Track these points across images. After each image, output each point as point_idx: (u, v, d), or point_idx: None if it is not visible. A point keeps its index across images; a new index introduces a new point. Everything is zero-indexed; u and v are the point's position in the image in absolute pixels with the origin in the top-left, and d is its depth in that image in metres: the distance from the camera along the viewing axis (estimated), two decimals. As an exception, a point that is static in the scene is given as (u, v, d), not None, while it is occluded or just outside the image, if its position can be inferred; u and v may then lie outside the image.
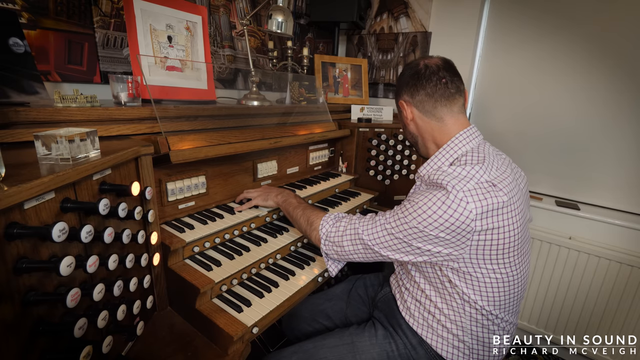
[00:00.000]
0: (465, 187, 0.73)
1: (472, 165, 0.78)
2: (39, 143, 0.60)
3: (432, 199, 0.74)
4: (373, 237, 0.84)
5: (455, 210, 0.71)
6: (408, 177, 1.79)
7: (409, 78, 0.89)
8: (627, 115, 1.51)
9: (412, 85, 0.89)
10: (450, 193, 0.72)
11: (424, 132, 0.92)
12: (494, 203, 0.73)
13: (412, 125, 0.93)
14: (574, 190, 1.72)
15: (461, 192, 0.72)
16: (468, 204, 0.71)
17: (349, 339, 0.95)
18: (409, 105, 0.91)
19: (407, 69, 0.91)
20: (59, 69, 1.05)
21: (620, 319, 1.53)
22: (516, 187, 0.81)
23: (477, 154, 0.83)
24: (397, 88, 0.94)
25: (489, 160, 0.81)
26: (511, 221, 0.75)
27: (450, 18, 1.83)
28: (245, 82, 1.68)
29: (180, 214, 1.05)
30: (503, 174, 0.80)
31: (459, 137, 0.87)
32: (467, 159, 0.82)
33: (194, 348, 0.82)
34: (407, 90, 0.90)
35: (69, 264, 0.54)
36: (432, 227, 0.73)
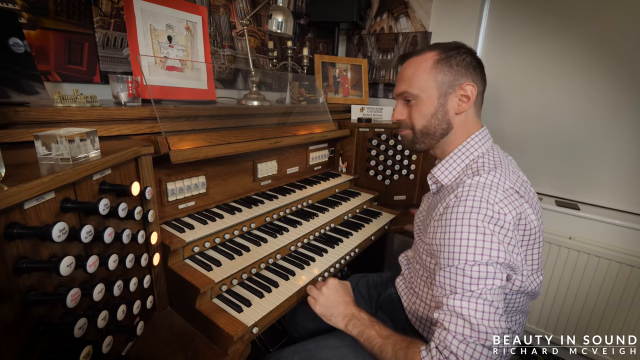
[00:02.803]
0: (497, 197, 0.70)
1: (494, 172, 0.75)
2: (39, 143, 0.60)
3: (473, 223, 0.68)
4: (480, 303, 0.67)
5: (499, 219, 0.69)
6: (408, 177, 1.79)
7: (472, 59, 0.81)
8: (627, 115, 1.51)
9: (475, 68, 0.81)
10: (487, 209, 0.69)
11: (460, 126, 0.83)
12: (521, 213, 0.73)
13: (458, 117, 0.82)
14: (574, 190, 1.72)
15: (497, 205, 0.69)
16: (506, 215, 0.69)
17: (351, 339, 0.94)
18: (473, 89, 0.80)
19: (462, 51, 0.81)
20: (59, 69, 1.05)
21: (620, 319, 1.53)
22: (530, 188, 0.81)
23: (491, 157, 0.80)
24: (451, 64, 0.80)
25: (505, 164, 0.79)
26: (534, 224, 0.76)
27: (450, 18, 1.83)
28: (245, 82, 1.68)
29: (180, 214, 1.05)
30: (519, 178, 0.79)
31: (476, 137, 0.83)
32: (484, 162, 0.78)
33: (194, 348, 0.82)
34: (472, 73, 0.80)
35: (69, 264, 0.54)
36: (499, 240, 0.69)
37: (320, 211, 1.34)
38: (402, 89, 0.84)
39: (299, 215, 1.28)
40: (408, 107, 0.85)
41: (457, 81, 0.80)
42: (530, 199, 0.76)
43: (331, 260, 1.12)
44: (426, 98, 0.81)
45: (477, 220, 0.68)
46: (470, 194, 0.71)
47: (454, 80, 0.80)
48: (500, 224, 0.69)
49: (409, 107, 0.85)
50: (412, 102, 0.84)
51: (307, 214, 1.31)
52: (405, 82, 0.84)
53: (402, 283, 1.02)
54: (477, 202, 0.69)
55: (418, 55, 0.84)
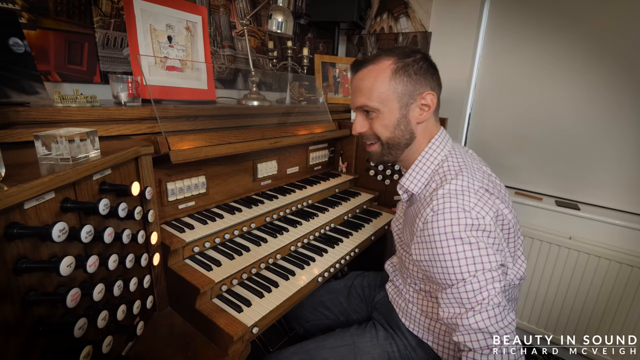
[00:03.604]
0: (471, 202, 0.70)
1: (461, 176, 0.74)
2: (39, 143, 0.60)
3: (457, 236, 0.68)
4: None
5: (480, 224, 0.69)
6: (408, 177, 1.79)
7: (428, 66, 0.81)
8: (627, 114, 1.51)
9: (432, 74, 0.81)
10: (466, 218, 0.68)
11: (422, 134, 0.83)
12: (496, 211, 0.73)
13: (420, 125, 0.82)
14: (574, 190, 1.72)
15: (474, 211, 0.69)
16: (485, 218, 0.69)
17: (350, 339, 0.95)
18: (433, 97, 0.80)
19: (418, 58, 0.80)
20: (59, 69, 1.05)
21: (620, 319, 1.53)
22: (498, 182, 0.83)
23: (455, 158, 0.80)
24: (409, 73, 0.78)
25: (468, 163, 0.80)
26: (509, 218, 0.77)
27: (450, 18, 1.83)
28: (245, 82, 1.68)
29: (180, 214, 1.05)
30: (484, 174, 0.80)
31: (436, 141, 0.83)
32: (449, 166, 0.78)
33: (194, 348, 0.82)
34: (430, 80, 0.80)
35: (69, 264, 0.54)
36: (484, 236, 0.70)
37: (320, 211, 1.34)
38: (362, 102, 0.81)
39: (299, 215, 1.28)
40: (369, 119, 0.83)
41: (417, 91, 0.79)
42: (499, 193, 0.77)
43: (331, 260, 1.12)
44: (387, 110, 0.80)
45: (460, 232, 0.67)
46: (446, 205, 0.70)
47: (414, 91, 0.79)
48: (482, 228, 0.69)
49: (369, 119, 0.83)
50: (372, 114, 0.81)
51: (307, 214, 1.30)
52: (364, 95, 0.80)
53: (392, 289, 1.02)
54: (454, 212, 0.68)
55: (373, 64, 0.80)
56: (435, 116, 0.85)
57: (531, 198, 1.74)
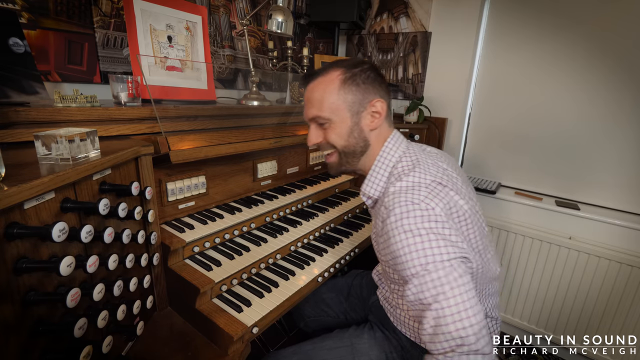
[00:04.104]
0: (420, 195, 0.70)
1: (413, 173, 0.76)
2: (39, 143, 0.60)
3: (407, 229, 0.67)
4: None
5: (430, 215, 0.68)
6: (408, 177, 1.78)
7: (376, 75, 0.83)
8: (627, 114, 1.51)
9: (380, 83, 0.83)
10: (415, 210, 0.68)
11: (375, 140, 0.84)
12: (449, 201, 0.73)
13: (373, 132, 0.84)
14: (574, 190, 1.72)
15: (423, 203, 0.69)
16: (434, 209, 0.69)
17: (348, 340, 0.95)
18: (383, 104, 0.82)
19: (365, 68, 0.82)
20: (59, 69, 1.05)
21: (620, 319, 1.53)
22: (455, 175, 0.82)
23: (409, 157, 0.81)
24: (357, 82, 0.80)
25: (423, 160, 0.80)
26: (464, 209, 0.76)
27: (450, 18, 1.83)
28: (245, 82, 1.68)
29: (180, 214, 1.05)
30: (440, 168, 0.80)
31: (389, 144, 0.85)
32: (402, 166, 0.80)
33: (194, 348, 0.82)
34: (379, 89, 0.82)
35: (69, 264, 0.54)
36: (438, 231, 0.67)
37: (320, 211, 1.34)
38: (313, 113, 0.83)
39: (299, 215, 1.28)
40: (322, 130, 0.85)
41: (366, 99, 0.81)
42: (454, 185, 0.77)
43: (331, 260, 1.12)
44: (339, 120, 0.81)
45: (410, 225, 0.67)
46: (396, 200, 0.71)
47: (364, 99, 0.81)
48: (433, 219, 0.68)
49: (323, 129, 0.84)
50: (325, 125, 0.83)
51: (307, 214, 1.31)
52: (315, 106, 0.82)
53: (381, 295, 1.03)
54: (403, 206, 0.69)
55: (323, 76, 0.82)
56: (387, 121, 0.87)
57: (531, 198, 1.74)
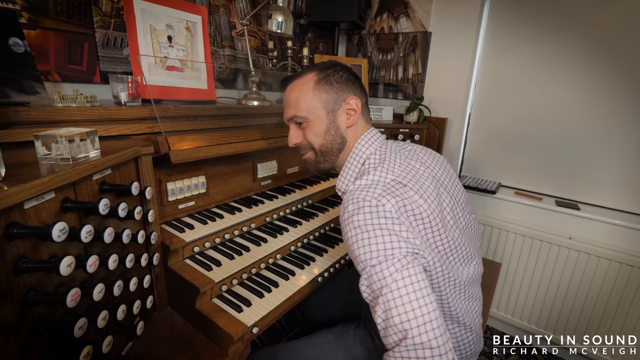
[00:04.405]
0: (375, 193, 0.71)
1: (374, 172, 0.77)
2: (39, 143, 0.60)
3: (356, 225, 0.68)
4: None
5: (378, 212, 0.68)
6: (408, 177, 1.78)
7: (349, 75, 0.86)
8: (627, 114, 1.51)
9: (354, 82, 0.86)
10: (364, 207, 0.69)
11: (352, 138, 0.87)
12: (404, 199, 0.72)
13: (350, 129, 0.87)
14: (574, 190, 1.72)
15: (374, 200, 0.69)
16: (385, 205, 0.69)
17: (333, 337, 0.97)
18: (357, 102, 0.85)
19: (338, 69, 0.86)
20: (59, 69, 1.05)
21: (620, 319, 1.53)
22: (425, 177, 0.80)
23: (379, 154, 0.83)
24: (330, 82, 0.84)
25: (391, 158, 0.81)
26: (423, 208, 0.74)
27: (450, 18, 1.83)
28: (245, 82, 1.68)
29: (180, 214, 1.05)
30: (408, 167, 0.80)
31: (362, 140, 0.86)
32: (370, 163, 0.82)
33: (194, 348, 0.82)
34: (352, 87, 0.86)
35: (69, 264, 0.54)
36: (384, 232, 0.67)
37: (320, 211, 1.34)
38: (291, 113, 0.87)
39: (299, 215, 1.28)
40: (301, 130, 0.89)
41: (340, 97, 0.84)
42: (416, 185, 0.76)
43: (331, 260, 1.12)
44: (315, 118, 0.85)
45: (359, 221, 0.68)
46: (350, 198, 0.73)
47: (338, 97, 0.84)
48: (382, 215, 0.68)
49: (302, 129, 0.88)
50: (303, 124, 0.87)
51: (307, 213, 1.30)
52: (293, 107, 0.87)
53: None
54: (355, 204, 0.71)
55: (298, 79, 0.87)
56: (364, 119, 0.89)
57: (531, 198, 1.74)
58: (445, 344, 0.59)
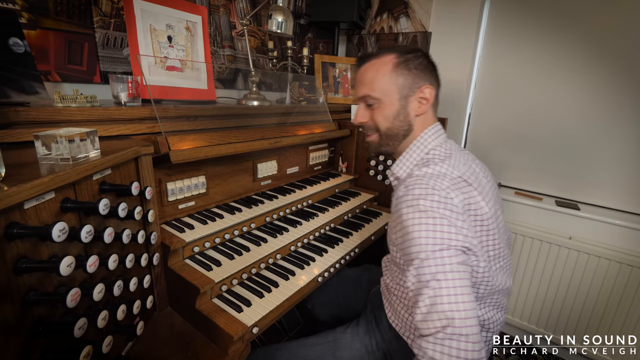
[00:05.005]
0: (443, 184, 0.72)
1: (442, 164, 0.78)
2: (39, 143, 0.60)
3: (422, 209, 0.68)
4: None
5: (447, 203, 0.70)
6: (408, 177, 1.79)
7: (428, 62, 0.85)
8: (627, 114, 1.51)
9: (432, 71, 0.85)
10: (434, 194, 0.70)
11: (419, 127, 0.86)
12: (469, 198, 0.74)
13: (418, 118, 0.85)
14: (574, 190, 1.72)
15: (443, 191, 0.71)
16: (453, 199, 0.71)
17: (332, 336, 0.98)
18: (432, 91, 0.83)
19: (418, 55, 0.84)
20: (59, 69, 1.05)
21: (620, 319, 1.53)
22: (485, 181, 0.83)
23: (443, 149, 0.83)
24: (410, 67, 0.82)
25: (456, 156, 0.82)
26: (484, 210, 0.76)
27: (450, 18, 1.83)
28: (245, 82, 1.68)
29: (180, 214, 1.05)
30: (470, 169, 0.81)
31: (429, 132, 0.86)
32: (434, 155, 0.82)
33: (194, 348, 0.82)
34: (429, 76, 0.84)
35: (69, 264, 0.54)
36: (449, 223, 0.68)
37: (320, 211, 1.34)
38: (364, 92, 0.86)
39: (299, 215, 1.28)
40: (370, 110, 0.87)
41: (416, 84, 0.83)
42: (479, 187, 0.77)
43: (331, 260, 1.12)
44: (388, 101, 0.83)
45: (426, 205, 0.68)
46: (417, 182, 0.73)
47: (413, 84, 0.83)
48: (449, 207, 0.69)
49: (371, 110, 0.87)
50: (374, 105, 0.85)
51: (307, 214, 1.31)
52: (366, 86, 0.85)
53: (383, 284, 1.03)
54: (423, 189, 0.71)
55: (377, 58, 0.85)
56: (433, 111, 0.88)
57: (531, 198, 1.74)
58: (480, 342, 0.61)
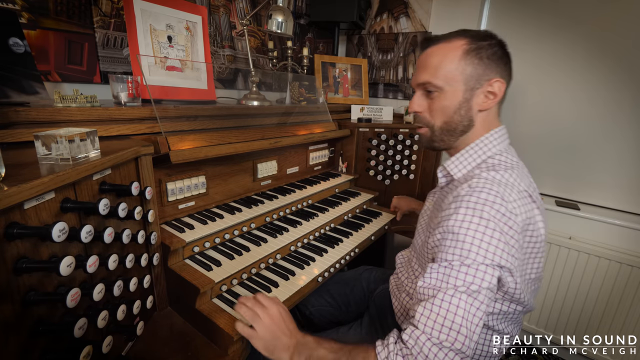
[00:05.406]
0: (512, 196, 0.67)
1: (510, 172, 0.71)
2: (39, 143, 0.60)
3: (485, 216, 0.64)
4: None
5: (510, 219, 0.65)
6: (408, 177, 1.79)
7: (503, 53, 0.75)
8: (627, 115, 1.51)
9: (506, 63, 0.75)
10: (501, 205, 0.64)
11: (480, 124, 0.78)
12: (531, 217, 0.70)
13: (481, 114, 0.77)
14: (574, 190, 1.72)
15: (510, 204, 0.65)
16: (517, 217, 0.66)
17: (334, 336, 0.97)
18: (502, 86, 0.74)
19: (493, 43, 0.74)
20: (59, 69, 1.05)
21: (620, 319, 1.53)
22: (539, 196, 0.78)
23: (508, 157, 0.76)
24: (482, 56, 0.73)
25: (520, 167, 0.76)
26: (541, 232, 0.73)
27: (450, 18, 1.83)
28: (245, 82, 1.68)
29: (180, 214, 1.05)
30: (531, 183, 0.76)
31: (495, 134, 0.78)
32: (500, 161, 0.75)
33: (194, 348, 0.82)
34: (502, 69, 0.74)
35: (69, 264, 0.53)
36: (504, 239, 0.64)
37: (320, 211, 1.34)
38: (425, 78, 0.76)
39: (299, 215, 1.28)
40: (428, 99, 0.78)
41: (486, 76, 0.73)
42: (541, 205, 0.74)
43: (331, 260, 1.12)
44: (451, 91, 0.74)
45: (490, 214, 0.63)
46: (487, 186, 0.66)
47: (483, 75, 0.73)
48: (510, 224, 0.65)
49: (429, 99, 0.78)
50: (434, 93, 0.76)
51: (307, 214, 1.31)
52: (429, 72, 0.75)
53: (394, 282, 1.02)
54: (492, 196, 0.65)
55: (445, 42, 0.75)
56: (497, 108, 0.80)
57: (531, 198, 1.73)
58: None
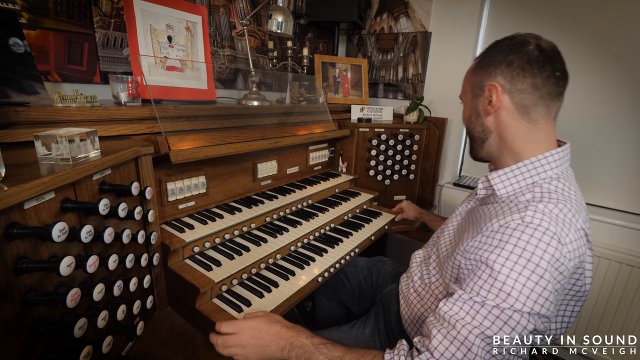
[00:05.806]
0: (569, 237, 0.61)
1: (569, 205, 0.64)
2: (39, 143, 0.60)
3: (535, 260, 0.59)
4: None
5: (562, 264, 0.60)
6: (408, 177, 1.79)
7: (515, 58, 0.70)
8: (627, 115, 1.51)
9: (516, 68, 0.69)
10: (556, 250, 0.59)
11: (505, 132, 0.73)
12: (582, 262, 0.66)
13: (492, 119, 0.74)
14: (574, 190, 1.72)
15: (566, 247, 0.60)
16: (570, 262, 0.61)
17: (336, 335, 0.97)
18: (502, 92, 0.71)
19: (508, 46, 0.72)
20: (59, 69, 1.05)
21: (620, 319, 1.53)
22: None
23: (567, 184, 0.69)
24: (484, 64, 0.73)
25: (578, 197, 0.69)
26: (587, 281, 0.69)
27: (450, 18, 1.83)
28: (245, 82, 1.68)
29: (180, 214, 1.05)
30: (587, 217, 0.70)
31: (556, 154, 0.71)
32: (557, 188, 0.67)
33: (194, 348, 0.82)
34: (506, 72, 0.70)
35: (69, 264, 0.54)
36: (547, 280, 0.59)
37: (320, 211, 1.34)
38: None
39: (299, 215, 1.28)
40: None
41: (483, 82, 0.74)
42: (592, 247, 0.67)
43: (331, 260, 1.12)
44: (465, 101, 0.82)
45: (542, 259, 0.58)
46: (543, 224, 0.60)
47: (482, 81, 0.75)
48: (562, 269, 0.60)
49: None
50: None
51: (307, 214, 1.30)
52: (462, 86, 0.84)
53: (405, 281, 1.02)
54: (547, 236, 0.59)
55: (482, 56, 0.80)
56: (547, 122, 0.75)
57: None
58: None
